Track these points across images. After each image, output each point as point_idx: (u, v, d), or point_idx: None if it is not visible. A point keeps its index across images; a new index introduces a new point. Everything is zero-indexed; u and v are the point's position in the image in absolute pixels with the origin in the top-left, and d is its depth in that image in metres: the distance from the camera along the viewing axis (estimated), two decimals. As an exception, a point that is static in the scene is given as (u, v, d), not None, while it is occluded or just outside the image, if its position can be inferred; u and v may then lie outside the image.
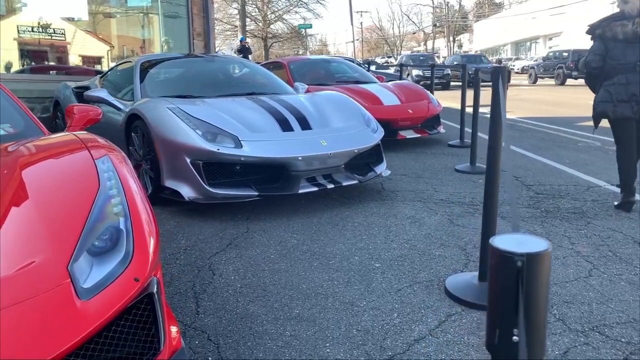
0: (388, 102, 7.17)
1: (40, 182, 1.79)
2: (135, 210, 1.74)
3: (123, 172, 1.90)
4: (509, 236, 0.70)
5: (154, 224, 1.83)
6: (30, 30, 8.34)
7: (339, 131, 4.34)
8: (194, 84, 5.03)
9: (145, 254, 1.62)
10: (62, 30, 8.99)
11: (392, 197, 4.46)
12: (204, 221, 3.82)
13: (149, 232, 1.72)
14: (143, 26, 11.16)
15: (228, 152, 3.74)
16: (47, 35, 8.63)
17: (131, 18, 11.00)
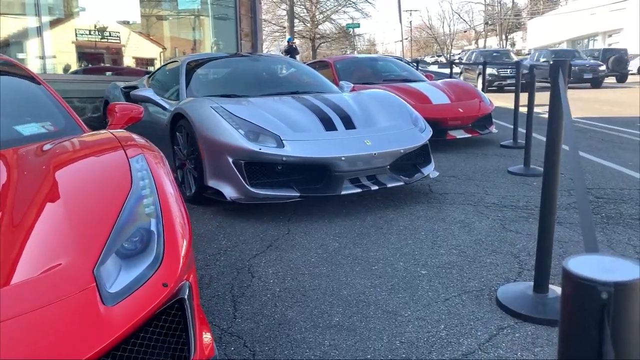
0: (437, 101, 6.96)
1: (72, 181, 1.74)
2: (167, 212, 1.67)
3: (158, 171, 1.84)
4: (589, 258, 0.56)
5: (188, 226, 1.75)
6: (88, 33, 8.61)
7: (385, 130, 4.19)
8: (238, 83, 4.99)
9: (176, 257, 1.54)
10: (118, 33, 9.25)
11: (440, 200, 4.28)
12: (246, 221, 3.76)
13: (181, 235, 1.65)
14: (194, 28, 11.30)
15: (270, 152, 3.66)
16: (103, 38, 8.88)
17: (182, 20, 11.16)
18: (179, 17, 11.07)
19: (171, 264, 1.52)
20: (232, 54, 6.47)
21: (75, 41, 8.50)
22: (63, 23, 8.64)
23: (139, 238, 1.55)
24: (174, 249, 1.56)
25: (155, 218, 1.62)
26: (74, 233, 1.50)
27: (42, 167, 1.78)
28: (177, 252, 1.56)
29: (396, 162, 4.12)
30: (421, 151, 4.40)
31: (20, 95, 2.49)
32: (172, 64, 5.49)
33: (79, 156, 1.98)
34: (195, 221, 3.80)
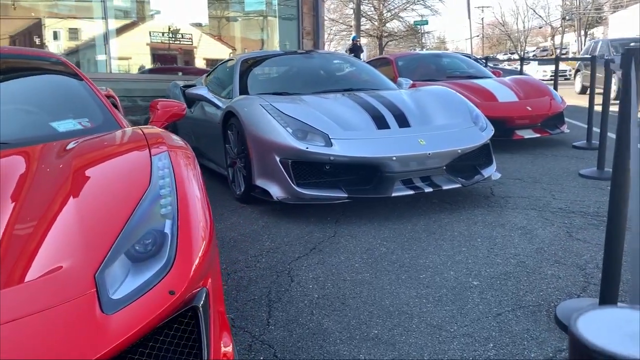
0: (504, 99, 6.59)
1: (89, 179, 1.67)
2: (185, 213, 1.56)
3: (182, 171, 1.74)
4: (610, 313, 0.38)
5: (210, 230, 1.64)
6: (161, 35, 8.93)
7: (442, 129, 3.95)
8: (291, 81, 4.90)
9: (189, 263, 1.43)
10: (190, 34, 9.53)
11: (501, 204, 3.99)
12: (292, 222, 3.65)
13: (199, 238, 1.54)
14: (262, 29, 11.41)
15: (317, 151, 3.53)
16: (175, 40, 9.17)
17: (251, 21, 11.30)
18: (247, 18, 11.21)
19: (182, 270, 1.41)
20: (287, 51, 6.40)
21: (149, 43, 8.85)
22: (138, 26, 9.04)
23: (151, 240, 1.46)
24: (187, 253, 1.45)
25: (171, 219, 1.52)
26: (82, 233, 1.42)
27: (61, 165, 1.73)
28: (191, 257, 1.45)
29: (453, 162, 3.88)
30: (482, 151, 4.12)
31: (61, 93, 2.50)
32: (228, 62, 5.48)
33: (100, 154, 1.92)
34: (242, 221, 3.73)
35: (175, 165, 1.73)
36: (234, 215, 3.89)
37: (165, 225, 1.49)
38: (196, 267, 1.45)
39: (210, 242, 1.60)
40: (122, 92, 6.80)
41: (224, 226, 3.62)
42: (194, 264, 1.44)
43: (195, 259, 1.46)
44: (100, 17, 8.65)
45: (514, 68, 14.80)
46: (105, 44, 8.59)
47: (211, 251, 1.60)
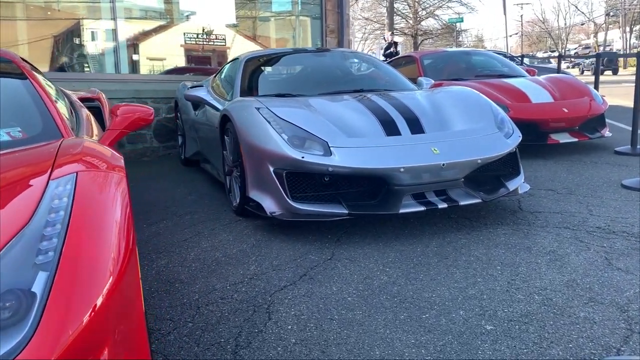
0: (538, 99, 6.02)
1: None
2: (73, 261, 1.17)
3: (89, 201, 1.35)
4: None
5: (116, 279, 1.23)
6: (195, 37, 8.85)
7: (460, 135, 3.47)
8: (297, 81, 4.49)
9: (56, 336, 1.04)
10: (223, 35, 9.39)
11: (529, 221, 3.48)
12: (286, 241, 3.23)
13: (87, 297, 1.13)
14: (295, 28, 11.09)
15: (314, 161, 3.10)
16: (209, 41, 9.06)
17: (284, 21, 11.01)
18: (280, 17, 10.90)
19: (45, 348, 1.01)
20: (296, 49, 5.98)
21: (183, 44, 8.78)
22: (172, 27, 9.01)
23: (11, 304, 1.07)
24: (58, 322, 1.05)
25: (47, 272, 1.13)
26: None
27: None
28: (63, 328, 1.05)
29: (474, 173, 3.40)
30: (507, 161, 3.62)
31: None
32: (234, 61, 5.11)
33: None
34: (232, 238, 3.34)
35: (81, 193, 1.34)
36: (225, 230, 3.50)
37: (35, 281, 1.10)
38: (73, 341, 1.05)
39: (110, 299, 1.19)
40: (132, 94, 6.54)
41: (210, 245, 3.23)
42: (68, 337, 1.05)
43: (70, 329, 1.06)
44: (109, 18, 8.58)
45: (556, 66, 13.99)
46: (153, 46, 8.51)
47: (114, 311, 1.20)
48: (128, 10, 7.81)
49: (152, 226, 3.69)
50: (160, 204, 4.32)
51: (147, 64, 8.58)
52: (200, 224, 3.69)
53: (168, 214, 4.01)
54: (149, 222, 3.79)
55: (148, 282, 2.70)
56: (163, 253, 3.12)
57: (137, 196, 4.62)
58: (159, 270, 2.86)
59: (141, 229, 3.63)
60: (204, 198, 4.45)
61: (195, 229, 3.56)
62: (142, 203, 4.38)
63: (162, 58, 8.87)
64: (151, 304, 2.45)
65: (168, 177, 5.48)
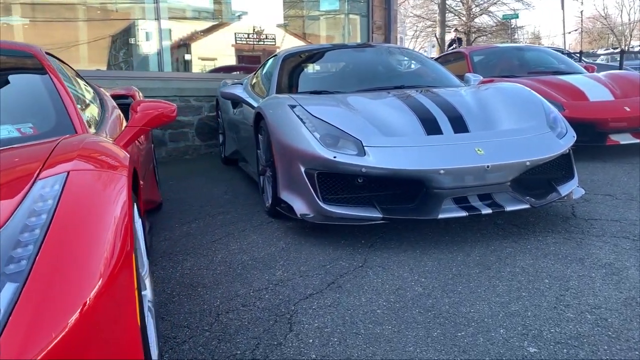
0: (596, 97, 5.61)
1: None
2: (46, 270, 1.05)
3: (75, 203, 1.23)
4: None
5: (101, 289, 1.11)
6: (246, 36, 8.92)
7: (508, 135, 3.21)
8: (335, 78, 4.33)
9: (20, 354, 0.92)
10: (273, 35, 9.42)
11: (583, 229, 3.19)
12: (317, 245, 3.07)
13: (55, 314, 1.01)
14: (343, 26, 10.98)
15: (346, 161, 2.93)
16: (259, 40, 9.10)
17: (334, 19, 10.93)
18: (330, 16, 10.80)
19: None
20: (335, 45, 5.79)
21: (234, 44, 8.87)
22: (223, 27, 9.10)
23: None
24: (20, 343, 0.93)
25: (16, 283, 1.01)
26: None
27: None
28: (24, 349, 0.93)
29: (522, 176, 3.14)
30: (559, 163, 3.34)
31: (9, 93, 2.09)
32: (274, 58, 4.99)
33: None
34: (261, 240, 3.21)
35: (70, 195, 1.22)
36: (255, 232, 3.38)
37: (0, 293, 0.98)
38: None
39: (93, 312, 1.06)
40: (174, 92, 6.54)
41: (238, 247, 3.11)
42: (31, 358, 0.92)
43: (34, 351, 0.93)
44: (199, 19, 8.74)
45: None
46: (205, 46, 8.63)
47: (98, 323, 1.07)
48: (173, 10, 7.90)
49: (184, 226, 3.62)
50: (195, 203, 4.25)
51: (198, 64, 8.72)
52: (231, 224, 3.58)
53: (202, 213, 3.93)
54: (181, 222, 3.72)
55: (170, 286, 2.60)
56: (190, 254, 3.03)
57: (174, 194, 4.58)
58: (184, 272, 2.76)
59: (173, 229, 3.56)
60: (239, 198, 4.35)
61: (226, 230, 3.46)
62: (178, 201, 4.33)
63: (213, 58, 8.98)
64: (170, 309, 2.34)
65: (207, 175, 5.43)
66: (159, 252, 3.10)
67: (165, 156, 6.49)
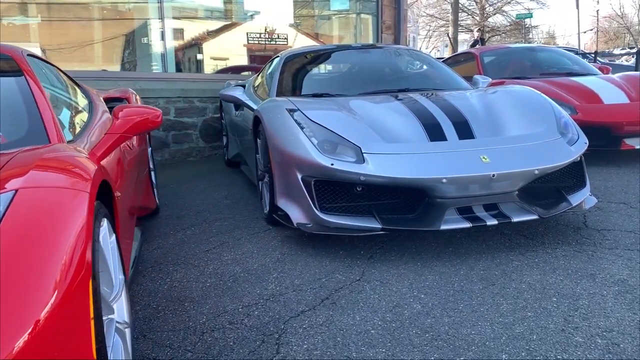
0: (611, 100, 5.42)
1: None
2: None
3: (20, 226, 1.11)
4: None
5: (44, 327, 0.99)
6: (258, 36, 8.89)
7: (516, 141, 3.06)
8: (337, 80, 4.19)
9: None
10: (285, 35, 9.38)
11: (595, 241, 3.02)
12: (314, 256, 2.94)
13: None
14: (355, 26, 10.86)
15: (344, 169, 2.79)
16: (271, 40, 9.07)
17: (343, 19, 10.83)
18: (342, 16, 10.69)
19: None
20: (339, 46, 5.64)
21: (246, 44, 8.81)
22: (235, 27, 9.10)
23: None
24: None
25: None
26: None
27: None
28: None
29: (531, 185, 2.98)
30: (571, 170, 3.17)
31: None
32: (276, 59, 4.86)
33: None
34: (256, 250, 3.08)
35: (15, 217, 1.10)
36: (251, 241, 3.25)
37: None
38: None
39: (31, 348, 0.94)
40: (178, 93, 6.45)
41: (232, 257, 2.99)
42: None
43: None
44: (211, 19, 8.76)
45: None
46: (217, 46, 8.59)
47: None
48: (183, 10, 7.84)
49: (179, 233, 3.50)
50: (194, 208, 4.14)
51: (210, 64, 8.71)
52: (227, 232, 3.46)
53: (199, 219, 3.82)
54: (177, 229, 3.60)
55: (157, 300, 2.48)
56: (181, 265, 2.91)
57: (173, 199, 4.48)
58: (172, 285, 2.64)
59: (167, 236, 3.44)
60: (239, 203, 4.23)
61: (221, 238, 3.34)
62: (176, 206, 4.22)
63: (225, 57, 8.94)
64: (153, 326, 2.22)
65: (209, 179, 5.32)
66: (150, 261, 2.98)
67: (168, 158, 6.40)
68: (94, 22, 7.09)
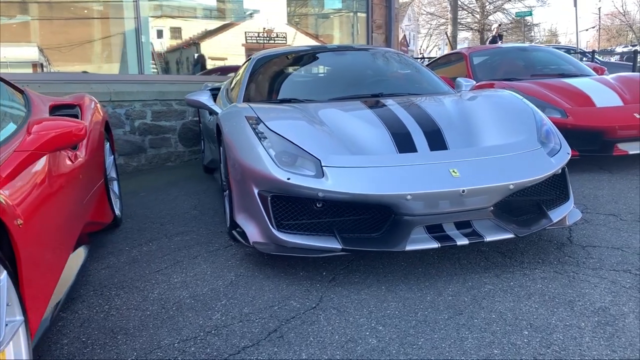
0: (603, 103, 5.17)
1: None
2: None
3: None
4: None
5: None
6: (257, 36, 8.82)
7: (491, 153, 2.81)
8: (307, 84, 3.94)
9: None
10: (284, 34, 9.28)
11: (578, 259, 2.78)
12: (271, 278, 2.70)
13: None
14: (352, 25, 10.63)
15: (301, 184, 2.55)
16: (270, 39, 8.99)
17: (341, 18, 10.61)
18: (341, 15, 10.46)
19: None
20: (314, 47, 5.39)
21: (245, 44, 8.71)
22: (233, 27, 9.05)
23: None
24: None
25: None
26: None
27: None
28: None
29: (509, 199, 2.74)
30: (552, 183, 2.94)
31: None
32: (249, 61, 4.62)
33: None
34: (210, 271, 2.85)
35: None
36: (207, 260, 3.02)
37: None
38: None
39: None
40: (155, 96, 6.21)
41: (181, 280, 2.75)
42: None
43: None
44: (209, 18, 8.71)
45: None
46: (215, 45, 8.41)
47: None
48: (158, 7, 7.66)
49: (135, 249, 3.27)
50: (158, 220, 3.91)
51: (207, 64, 8.56)
52: (186, 248, 3.23)
53: (160, 233, 3.59)
54: (133, 244, 3.37)
55: (89, 331, 2.25)
56: (126, 289, 2.67)
57: (140, 209, 4.25)
58: (110, 313, 2.41)
59: (121, 253, 3.21)
60: (207, 214, 4.00)
61: (177, 256, 3.10)
62: (141, 218, 3.99)
63: (223, 57, 8.83)
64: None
65: (183, 186, 5.08)
66: (94, 284, 2.75)
67: (145, 163, 6.17)
68: (67, 22, 6.86)
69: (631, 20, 59.56)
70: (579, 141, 4.96)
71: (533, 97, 5.15)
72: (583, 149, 4.94)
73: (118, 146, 5.88)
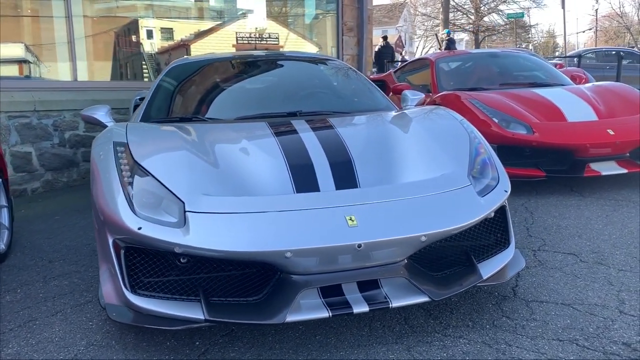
0: (575, 117, 4.66)
1: None
2: None
3: None
4: None
5: None
6: (248, 36, 8.69)
7: (408, 193, 2.26)
8: (216, 99, 3.39)
9: None
10: (277, 34, 9.12)
11: (517, 322, 2.25)
12: (128, 349, 2.16)
13: None
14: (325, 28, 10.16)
15: (153, 236, 2.00)
16: (262, 40, 8.85)
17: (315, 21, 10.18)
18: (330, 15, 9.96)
19: None
20: (235, 55, 4.83)
21: (235, 45, 8.55)
22: (223, 27, 8.97)
23: None
24: None
25: None
26: None
27: None
28: None
29: (427, 251, 2.20)
30: (486, 226, 2.40)
31: None
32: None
33: None
34: (58, 338, 2.30)
35: None
36: (67, 318, 2.47)
37: None
38: None
39: None
40: (89, 104, 5.64)
41: (16, 350, 2.20)
42: None
43: None
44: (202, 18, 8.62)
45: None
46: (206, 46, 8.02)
47: None
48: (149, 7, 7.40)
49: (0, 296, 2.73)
50: (49, 255, 3.39)
51: None
52: (52, 299, 2.69)
53: (40, 274, 3.05)
54: (3, 289, 2.84)
55: None
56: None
57: (40, 239, 3.73)
58: None
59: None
60: (107, 248, 3.45)
61: (36, 311, 2.56)
62: (31, 252, 3.47)
63: None
64: None
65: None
66: None
67: (77, 179, 5.63)
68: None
69: (629, 22, 59.08)
70: (546, 160, 4.45)
71: (497, 110, 4.64)
72: (551, 169, 4.43)
73: (44, 160, 5.35)
